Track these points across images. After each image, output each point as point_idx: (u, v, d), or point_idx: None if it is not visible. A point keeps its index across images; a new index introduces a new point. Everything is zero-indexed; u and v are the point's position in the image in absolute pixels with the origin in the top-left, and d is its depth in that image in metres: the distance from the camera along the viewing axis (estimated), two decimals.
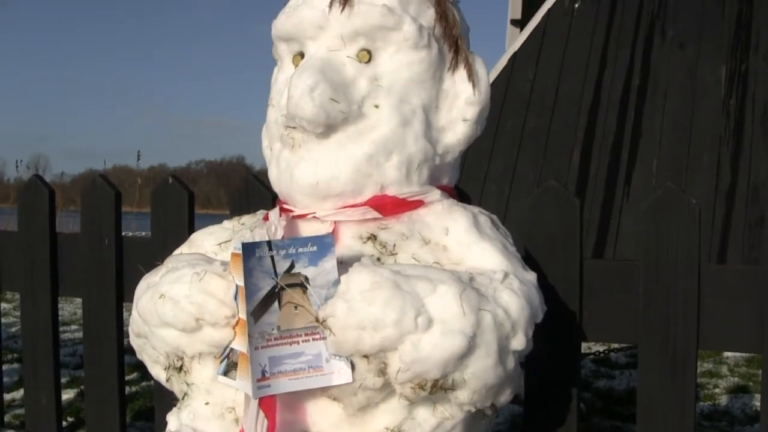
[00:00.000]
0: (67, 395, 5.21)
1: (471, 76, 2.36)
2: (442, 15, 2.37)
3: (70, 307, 9.64)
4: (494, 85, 10.17)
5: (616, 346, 6.93)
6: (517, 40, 10.78)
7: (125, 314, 3.37)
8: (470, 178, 9.27)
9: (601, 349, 7.23)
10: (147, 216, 3.77)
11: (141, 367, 2.41)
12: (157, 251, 3.23)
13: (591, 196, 9.46)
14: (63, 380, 4.96)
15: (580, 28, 10.48)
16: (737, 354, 7.34)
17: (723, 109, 9.70)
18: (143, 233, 11.22)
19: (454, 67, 2.36)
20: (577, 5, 10.62)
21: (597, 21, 10.45)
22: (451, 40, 2.36)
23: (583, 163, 9.66)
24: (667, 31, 10.21)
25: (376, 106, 2.25)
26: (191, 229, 3.43)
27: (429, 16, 2.35)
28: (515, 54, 10.60)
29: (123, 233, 3.88)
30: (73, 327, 8.29)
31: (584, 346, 6.44)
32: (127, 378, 4.76)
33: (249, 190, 3.37)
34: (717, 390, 6.31)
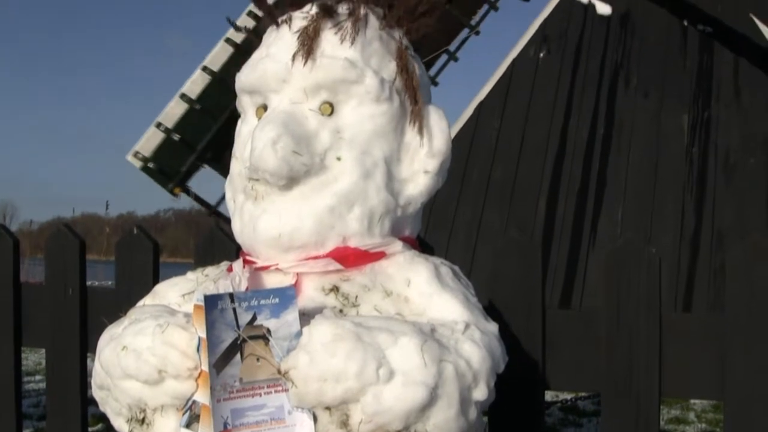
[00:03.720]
0: None
1: (431, 128, 2.39)
2: (404, 68, 2.40)
3: (35, 357, 9.57)
4: (460, 134, 10.26)
5: (583, 393, 6.93)
6: (482, 89, 10.86)
7: (89, 365, 3.36)
8: (438, 226, 9.31)
9: (569, 396, 7.24)
10: (114, 264, 3.76)
11: (105, 419, 2.40)
12: (121, 302, 3.21)
13: (557, 243, 9.50)
14: (26, 431, 4.91)
15: (545, 77, 10.59)
16: (704, 401, 7.37)
17: (686, 156, 9.81)
18: (110, 282, 11.18)
19: (415, 119, 2.38)
20: (541, 55, 10.73)
21: (562, 70, 10.55)
22: (412, 92, 2.39)
23: (549, 210, 9.72)
24: (631, 80, 10.33)
25: (339, 159, 2.27)
26: (156, 280, 3.42)
27: (390, 69, 2.38)
28: (481, 103, 10.68)
29: (90, 282, 3.87)
30: (37, 377, 8.23)
31: (552, 394, 6.45)
32: (90, 430, 4.73)
33: (213, 240, 3.38)
34: None
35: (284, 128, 2.22)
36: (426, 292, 2.23)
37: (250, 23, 9.95)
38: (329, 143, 2.28)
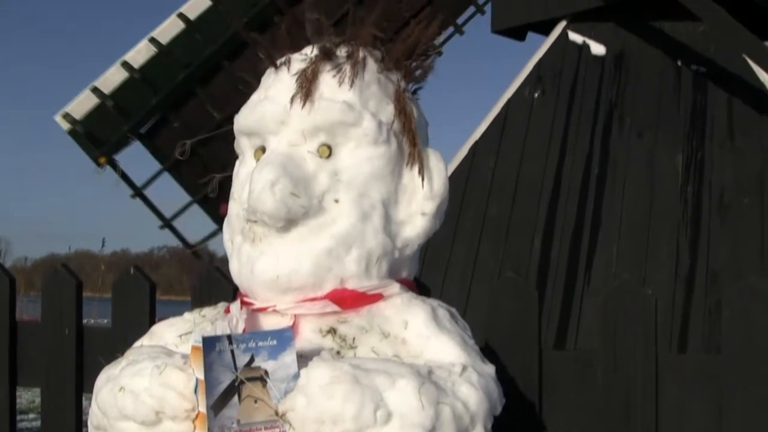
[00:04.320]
0: None
1: (429, 171, 2.40)
2: (402, 110, 2.41)
3: (28, 395, 9.53)
4: (455, 174, 10.26)
5: None
6: (477, 129, 10.89)
7: (84, 404, 3.35)
8: (432, 265, 9.29)
9: None
10: (109, 302, 3.77)
11: None
12: (117, 341, 3.21)
13: (552, 283, 9.49)
14: None
15: (540, 117, 10.61)
16: None
17: (681, 195, 9.81)
18: (105, 320, 11.12)
19: (412, 161, 2.39)
20: (536, 95, 10.77)
21: (557, 110, 10.58)
22: (410, 135, 2.40)
23: (544, 249, 9.71)
24: (625, 119, 10.35)
25: (336, 201, 2.28)
26: (152, 320, 3.42)
27: (388, 111, 2.39)
28: (476, 142, 10.70)
29: (85, 320, 3.87)
30: (31, 416, 8.19)
31: None
32: None
33: (210, 281, 3.38)
34: None
35: (282, 170, 2.23)
36: (423, 334, 2.24)
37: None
38: (327, 185, 2.29)
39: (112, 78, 9.83)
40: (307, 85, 2.34)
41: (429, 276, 8.19)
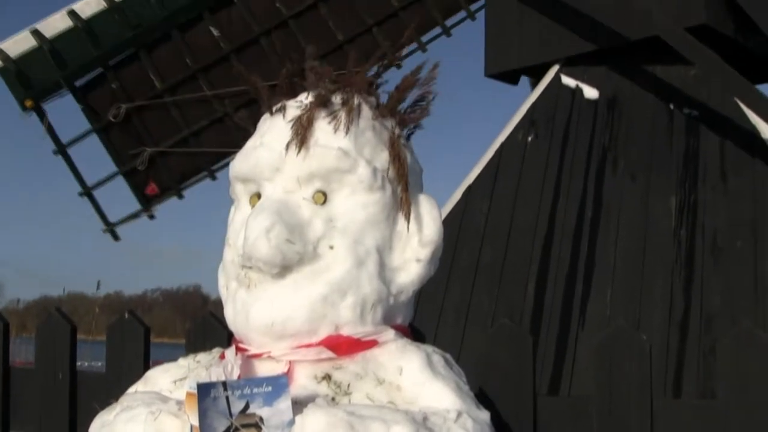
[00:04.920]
0: None
1: (423, 217, 2.40)
2: (396, 157, 2.42)
3: None
4: (449, 218, 10.27)
5: None
6: (471, 173, 10.91)
7: None
8: (427, 309, 9.28)
9: None
10: (103, 344, 3.76)
11: None
12: (112, 386, 3.21)
13: (546, 327, 9.48)
14: None
15: (533, 161, 10.65)
16: None
17: (674, 238, 9.83)
18: (99, 363, 11.06)
19: (407, 208, 2.40)
20: (529, 139, 10.81)
21: (550, 153, 10.61)
22: (405, 181, 2.41)
23: (538, 293, 9.71)
24: (619, 163, 10.38)
25: (331, 247, 2.29)
26: (147, 365, 3.42)
27: (383, 158, 2.40)
28: (469, 187, 10.72)
29: (78, 363, 3.86)
30: None
31: None
32: None
33: (205, 326, 3.38)
34: None
35: (278, 217, 2.24)
36: (418, 380, 2.24)
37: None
38: (322, 232, 2.29)
39: (56, 24, 9.62)
40: (302, 132, 2.35)
41: (423, 319, 8.18)
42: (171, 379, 2.49)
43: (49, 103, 9.83)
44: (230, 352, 2.39)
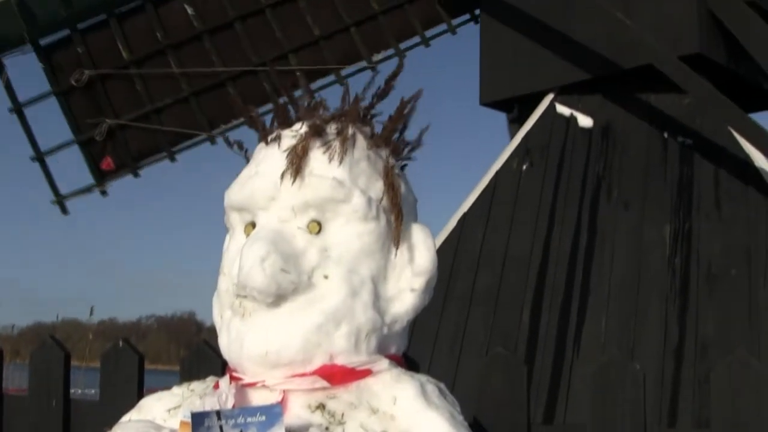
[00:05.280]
0: None
1: (418, 247, 2.41)
2: (391, 187, 2.43)
3: None
4: (444, 245, 10.28)
5: None
6: (465, 201, 10.93)
7: None
8: (421, 338, 9.27)
9: None
10: (96, 371, 3.76)
11: None
12: (105, 414, 3.21)
13: (541, 355, 9.47)
14: None
15: (528, 189, 10.66)
16: None
17: (669, 267, 9.83)
18: (92, 390, 11.01)
19: (401, 238, 2.40)
20: (525, 167, 10.83)
21: (545, 182, 10.63)
22: (399, 211, 2.41)
23: (533, 321, 9.70)
24: (613, 191, 10.40)
25: (326, 277, 2.30)
26: (141, 393, 3.42)
27: (378, 188, 2.41)
28: (465, 215, 10.74)
29: (72, 390, 3.86)
30: None
31: None
32: None
33: (199, 355, 3.38)
34: None
35: (273, 246, 2.24)
36: (412, 410, 2.24)
37: None
38: (317, 261, 2.30)
39: None
40: (297, 162, 2.36)
41: (418, 348, 8.18)
42: (165, 408, 2.49)
43: (10, 58, 9.57)
44: (224, 381, 2.39)
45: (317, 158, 2.39)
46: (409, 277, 2.40)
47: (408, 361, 2.55)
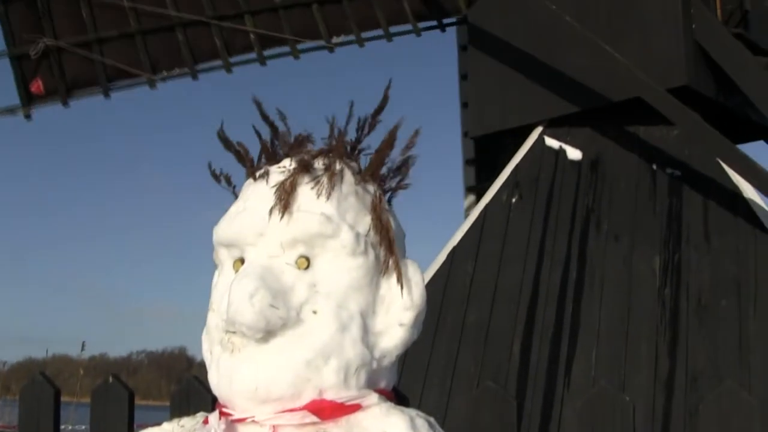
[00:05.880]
0: None
1: (406, 281, 2.42)
2: (379, 222, 2.44)
3: None
4: (434, 279, 10.30)
5: None
6: (455, 234, 10.95)
7: None
8: (412, 372, 9.27)
9: None
10: (87, 406, 3.75)
11: None
12: None
13: (532, 389, 9.48)
14: None
15: (517, 222, 10.71)
16: None
17: (658, 298, 9.86)
18: (83, 426, 10.97)
19: (389, 272, 2.42)
20: (514, 200, 10.87)
21: (534, 215, 10.68)
22: (388, 246, 2.43)
23: (523, 355, 9.71)
24: (602, 223, 10.45)
25: (315, 312, 2.30)
26: (131, 429, 3.41)
27: (366, 222, 2.43)
28: (454, 248, 10.77)
29: (63, 426, 3.85)
30: None
31: None
32: None
33: (189, 390, 3.38)
34: None
35: (261, 282, 2.25)
36: None
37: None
38: (305, 297, 2.31)
39: None
40: (285, 197, 2.37)
41: (408, 382, 8.17)
42: None
43: None
44: (214, 417, 2.39)
45: (305, 194, 2.40)
46: (398, 311, 2.41)
47: (398, 396, 2.55)
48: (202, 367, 2.60)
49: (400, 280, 2.42)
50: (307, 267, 2.34)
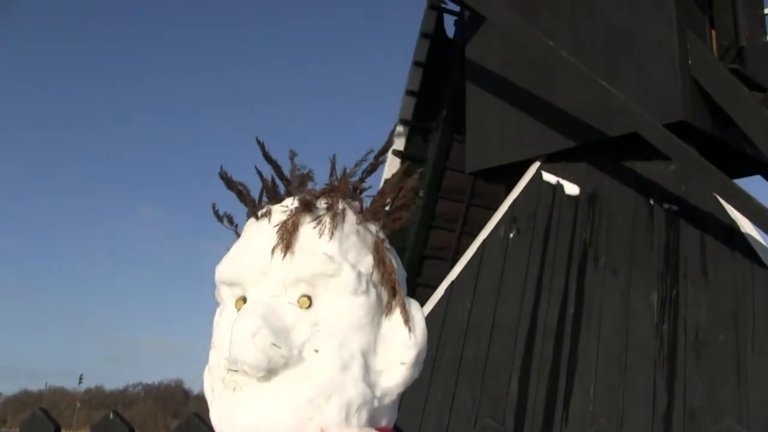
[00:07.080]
0: None
1: (407, 320, 2.44)
2: (380, 261, 2.46)
3: None
4: (432, 314, 10.31)
5: None
6: (454, 269, 10.97)
7: None
8: (409, 408, 9.26)
9: None
10: None
11: None
12: None
13: (530, 423, 9.47)
14: None
15: (515, 257, 10.73)
16: None
17: (656, 333, 9.87)
18: None
19: (391, 311, 2.44)
20: (511, 235, 10.90)
21: (532, 250, 10.71)
22: (389, 285, 2.45)
23: (521, 390, 9.71)
24: (600, 258, 10.47)
25: (316, 351, 2.32)
26: None
27: (367, 262, 2.45)
28: (452, 283, 10.79)
29: None
30: None
31: None
32: None
33: (189, 427, 3.38)
34: None
35: (263, 321, 2.27)
36: None
37: None
38: (307, 336, 2.33)
39: None
40: (287, 237, 2.39)
41: (406, 417, 8.16)
42: None
43: None
44: None
45: (307, 233, 2.42)
46: (399, 350, 2.43)
47: None
48: (198, 400, 2.62)
49: (408, 322, 2.44)
50: (309, 306, 2.36)
